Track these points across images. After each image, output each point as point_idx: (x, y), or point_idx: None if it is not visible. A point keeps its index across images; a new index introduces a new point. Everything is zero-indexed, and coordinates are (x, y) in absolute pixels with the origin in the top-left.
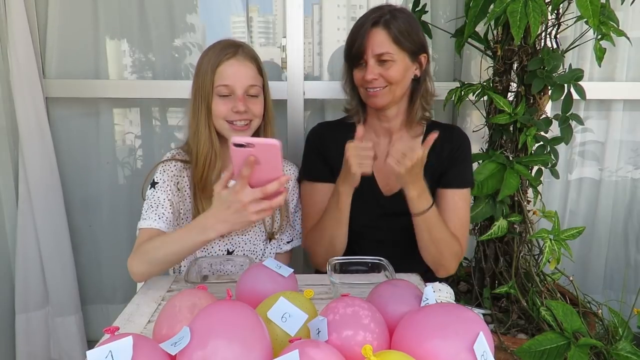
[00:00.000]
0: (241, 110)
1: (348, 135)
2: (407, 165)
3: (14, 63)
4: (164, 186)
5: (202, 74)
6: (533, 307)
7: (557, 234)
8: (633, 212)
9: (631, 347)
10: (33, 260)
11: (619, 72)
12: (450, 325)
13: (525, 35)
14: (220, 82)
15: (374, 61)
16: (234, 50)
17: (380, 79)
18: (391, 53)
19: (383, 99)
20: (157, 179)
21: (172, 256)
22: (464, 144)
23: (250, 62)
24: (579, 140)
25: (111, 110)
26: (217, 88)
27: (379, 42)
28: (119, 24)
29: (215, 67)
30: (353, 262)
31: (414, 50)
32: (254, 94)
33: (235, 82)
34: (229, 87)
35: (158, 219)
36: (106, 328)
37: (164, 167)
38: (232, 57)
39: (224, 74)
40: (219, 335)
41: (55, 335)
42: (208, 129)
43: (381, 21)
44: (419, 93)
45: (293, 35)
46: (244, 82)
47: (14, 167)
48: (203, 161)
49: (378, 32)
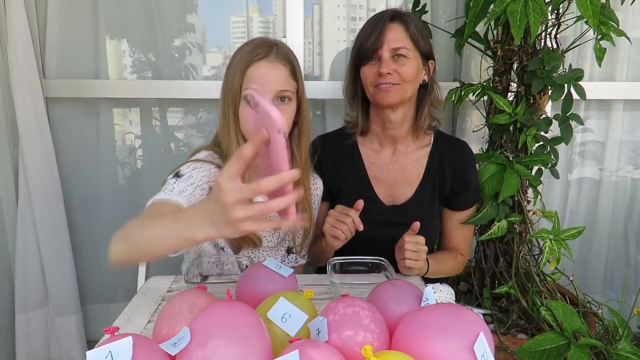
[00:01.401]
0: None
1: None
2: (423, 257)
3: (13, 63)
4: (189, 182)
5: (232, 75)
6: (533, 307)
7: (557, 234)
8: (633, 212)
9: (631, 347)
10: (33, 260)
11: (619, 72)
12: (451, 326)
13: (525, 35)
14: (248, 84)
15: (389, 55)
16: (267, 51)
17: (395, 74)
18: (407, 49)
19: (395, 96)
20: (183, 172)
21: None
22: (469, 165)
23: (282, 65)
24: (579, 140)
25: (111, 110)
26: (245, 91)
27: (396, 37)
28: (119, 24)
29: (244, 68)
30: (353, 262)
31: (425, 53)
32: (286, 98)
33: (264, 85)
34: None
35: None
36: (106, 328)
37: (196, 165)
38: (263, 59)
39: (252, 77)
40: (219, 335)
41: (55, 335)
42: (236, 133)
43: (399, 16)
44: (427, 99)
45: (293, 35)
46: (274, 86)
47: (14, 167)
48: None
49: (396, 27)
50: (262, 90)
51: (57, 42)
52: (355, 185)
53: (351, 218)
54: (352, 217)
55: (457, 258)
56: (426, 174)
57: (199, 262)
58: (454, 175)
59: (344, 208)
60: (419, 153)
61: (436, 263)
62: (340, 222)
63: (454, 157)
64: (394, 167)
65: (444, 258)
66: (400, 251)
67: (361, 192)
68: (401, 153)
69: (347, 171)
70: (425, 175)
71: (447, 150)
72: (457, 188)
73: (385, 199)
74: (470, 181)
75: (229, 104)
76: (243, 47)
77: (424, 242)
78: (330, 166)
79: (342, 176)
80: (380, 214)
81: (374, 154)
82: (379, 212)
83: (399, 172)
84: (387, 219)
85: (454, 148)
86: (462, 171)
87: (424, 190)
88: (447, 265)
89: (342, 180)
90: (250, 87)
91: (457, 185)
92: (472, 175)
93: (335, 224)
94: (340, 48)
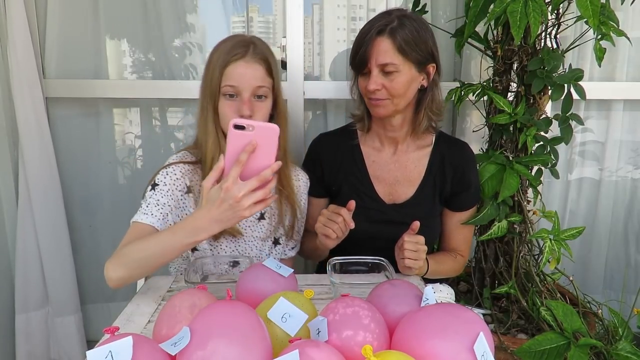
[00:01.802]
0: (246, 115)
1: (348, 143)
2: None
3: (13, 63)
4: (165, 189)
5: (211, 72)
6: (533, 307)
7: (557, 234)
8: (633, 212)
9: (631, 347)
10: (33, 261)
11: (619, 72)
12: (451, 326)
13: (525, 35)
14: (227, 82)
15: (378, 71)
16: (244, 51)
17: (383, 90)
18: (395, 64)
19: (386, 109)
20: (157, 181)
21: (153, 259)
22: (470, 166)
23: (259, 64)
24: (579, 140)
25: (111, 110)
26: (223, 88)
27: (383, 52)
28: (119, 24)
29: (223, 67)
30: (353, 262)
31: (420, 60)
32: (262, 95)
33: (241, 84)
34: (235, 87)
35: (159, 214)
36: (106, 328)
37: (167, 171)
38: (241, 59)
39: (230, 75)
40: (219, 335)
41: (55, 335)
42: (215, 129)
43: (387, 30)
44: (425, 103)
45: (293, 35)
46: (252, 83)
47: (14, 167)
48: (210, 163)
49: (382, 41)
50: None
51: (57, 42)
52: (356, 183)
53: (342, 217)
54: (344, 216)
55: (457, 259)
56: (427, 173)
57: (199, 262)
58: (455, 176)
59: (336, 207)
60: (420, 153)
61: (436, 263)
62: (331, 222)
63: (454, 158)
64: (395, 166)
65: (444, 259)
66: (399, 250)
67: (361, 190)
68: (402, 152)
69: (347, 169)
70: (427, 175)
71: (448, 151)
72: (458, 189)
73: (385, 198)
74: (470, 182)
75: (208, 100)
76: (221, 45)
77: (423, 241)
78: (330, 164)
79: (343, 174)
80: (380, 212)
81: (375, 152)
82: (379, 210)
83: (400, 171)
84: (387, 218)
85: (455, 149)
86: (463, 172)
87: (425, 190)
88: (447, 266)
89: (343, 178)
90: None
91: (458, 186)
92: (472, 176)
93: (327, 223)
94: (341, 48)
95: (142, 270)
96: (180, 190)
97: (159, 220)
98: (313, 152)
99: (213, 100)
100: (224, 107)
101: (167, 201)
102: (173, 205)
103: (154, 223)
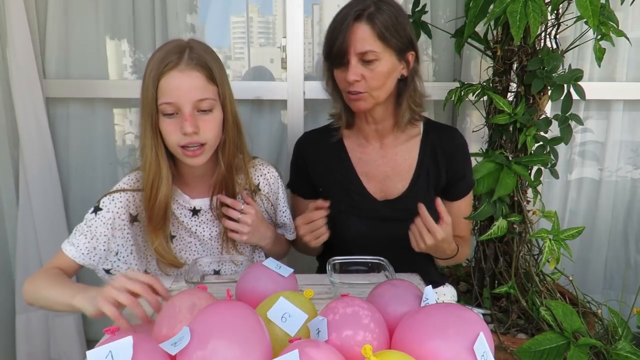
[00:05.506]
0: (189, 132)
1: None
2: (422, 247)
3: (13, 63)
4: (107, 217)
5: (146, 86)
6: (533, 307)
7: (556, 234)
8: (633, 212)
9: (631, 347)
10: (33, 261)
11: (619, 72)
12: (451, 325)
13: (525, 35)
14: (163, 99)
15: (357, 60)
16: (177, 58)
17: (363, 81)
18: (376, 51)
19: (366, 103)
20: (102, 206)
21: (53, 305)
22: (461, 150)
23: (196, 71)
24: (579, 140)
25: (111, 110)
26: (161, 106)
27: (361, 39)
28: (119, 24)
29: (156, 79)
30: (353, 262)
31: (400, 47)
32: (207, 108)
33: (179, 99)
34: (173, 104)
35: (84, 248)
36: (106, 328)
37: (114, 196)
38: (174, 68)
39: (165, 89)
40: (219, 335)
41: (55, 335)
42: (154, 149)
43: (364, 15)
44: (407, 93)
45: (293, 36)
46: (191, 96)
47: (14, 167)
48: (150, 187)
49: (361, 27)
50: (179, 102)
51: (57, 42)
52: (344, 181)
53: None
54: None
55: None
56: (419, 165)
57: (199, 262)
58: (449, 165)
59: (305, 216)
60: (408, 144)
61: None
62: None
63: (446, 145)
64: (383, 161)
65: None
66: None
67: (350, 189)
68: (389, 146)
69: (334, 169)
70: (418, 167)
71: (438, 139)
72: (453, 179)
73: (377, 194)
74: (465, 169)
75: (146, 117)
76: (155, 54)
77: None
78: (315, 165)
79: (330, 174)
80: (373, 210)
81: (360, 148)
82: (371, 207)
83: (389, 166)
84: (380, 214)
85: (445, 135)
86: (456, 159)
87: (418, 182)
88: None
89: (330, 177)
90: (164, 101)
91: (453, 176)
92: (466, 163)
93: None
94: None
95: (46, 308)
96: (123, 219)
97: (83, 255)
98: (297, 150)
99: (151, 119)
100: (164, 126)
101: (104, 231)
102: (110, 235)
103: (76, 257)
